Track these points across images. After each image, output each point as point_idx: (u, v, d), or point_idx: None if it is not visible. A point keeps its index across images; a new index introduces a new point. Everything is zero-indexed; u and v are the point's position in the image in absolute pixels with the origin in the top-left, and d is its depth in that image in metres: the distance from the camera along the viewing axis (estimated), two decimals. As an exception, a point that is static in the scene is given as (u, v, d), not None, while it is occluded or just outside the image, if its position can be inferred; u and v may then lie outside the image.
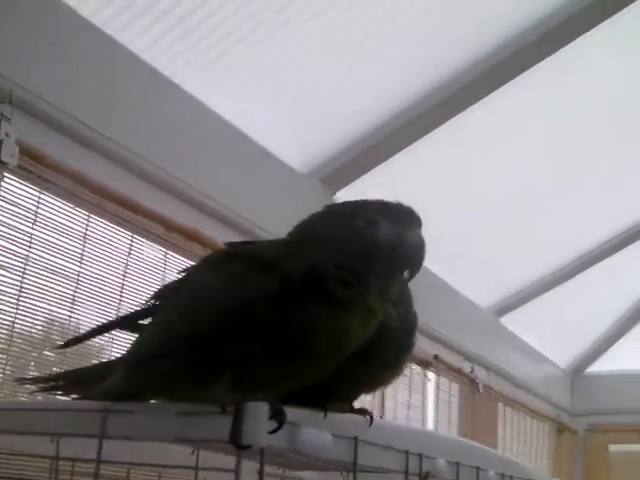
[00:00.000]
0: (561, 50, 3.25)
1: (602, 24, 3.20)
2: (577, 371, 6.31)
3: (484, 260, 4.59)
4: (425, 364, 3.98)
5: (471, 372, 4.48)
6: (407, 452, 1.00)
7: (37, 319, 2.13)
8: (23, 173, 2.08)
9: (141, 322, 1.01)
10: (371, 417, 0.98)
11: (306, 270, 0.83)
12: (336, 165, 3.40)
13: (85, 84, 2.30)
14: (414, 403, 3.92)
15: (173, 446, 0.86)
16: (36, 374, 2.15)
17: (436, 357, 4.05)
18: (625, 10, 3.16)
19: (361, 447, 0.91)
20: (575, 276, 5.12)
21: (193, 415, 0.76)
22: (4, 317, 2.03)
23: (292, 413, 0.78)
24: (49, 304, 2.14)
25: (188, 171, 2.65)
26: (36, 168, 2.09)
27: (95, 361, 2.16)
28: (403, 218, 0.89)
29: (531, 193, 4.30)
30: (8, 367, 2.06)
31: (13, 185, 2.07)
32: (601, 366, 6.24)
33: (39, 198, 2.13)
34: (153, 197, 2.48)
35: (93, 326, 1.18)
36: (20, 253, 2.07)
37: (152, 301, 0.99)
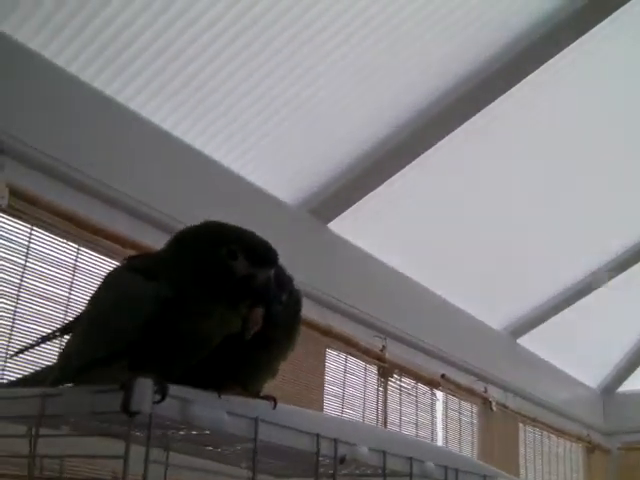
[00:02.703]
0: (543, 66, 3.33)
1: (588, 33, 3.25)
2: (608, 390, 6.27)
3: (495, 283, 4.64)
4: (433, 383, 4.10)
5: (484, 392, 4.56)
6: (318, 435, 1.11)
7: (31, 340, 2.38)
8: (14, 212, 2.36)
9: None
10: (275, 402, 1.10)
11: (171, 287, 1.03)
12: (326, 196, 3.48)
13: (72, 132, 2.59)
14: (422, 422, 4.03)
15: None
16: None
17: (443, 376, 4.17)
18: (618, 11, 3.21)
19: (267, 428, 1.04)
20: (591, 292, 5.08)
21: (101, 392, 0.96)
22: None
23: (187, 391, 0.97)
24: (42, 327, 2.40)
25: (177, 208, 2.87)
26: (25, 207, 2.37)
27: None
28: (258, 258, 1.07)
29: (539, 209, 4.30)
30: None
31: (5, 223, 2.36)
32: (633, 384, 6.19)
33: (30, 233, 2.41)
34: (140, 231, 2.73)
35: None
36: (13, 282, 2.34)
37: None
